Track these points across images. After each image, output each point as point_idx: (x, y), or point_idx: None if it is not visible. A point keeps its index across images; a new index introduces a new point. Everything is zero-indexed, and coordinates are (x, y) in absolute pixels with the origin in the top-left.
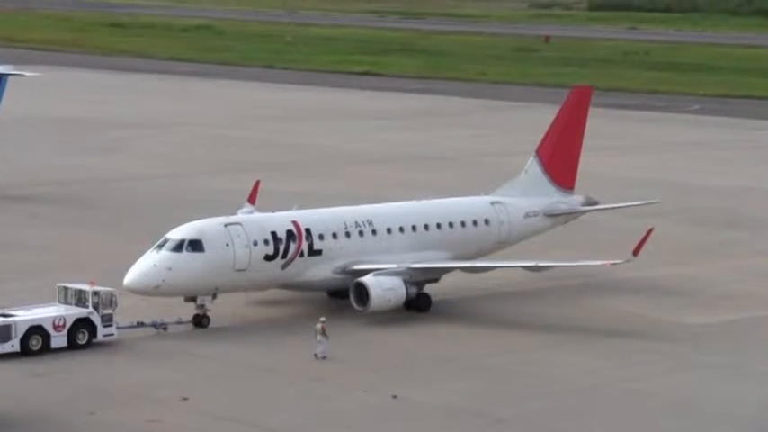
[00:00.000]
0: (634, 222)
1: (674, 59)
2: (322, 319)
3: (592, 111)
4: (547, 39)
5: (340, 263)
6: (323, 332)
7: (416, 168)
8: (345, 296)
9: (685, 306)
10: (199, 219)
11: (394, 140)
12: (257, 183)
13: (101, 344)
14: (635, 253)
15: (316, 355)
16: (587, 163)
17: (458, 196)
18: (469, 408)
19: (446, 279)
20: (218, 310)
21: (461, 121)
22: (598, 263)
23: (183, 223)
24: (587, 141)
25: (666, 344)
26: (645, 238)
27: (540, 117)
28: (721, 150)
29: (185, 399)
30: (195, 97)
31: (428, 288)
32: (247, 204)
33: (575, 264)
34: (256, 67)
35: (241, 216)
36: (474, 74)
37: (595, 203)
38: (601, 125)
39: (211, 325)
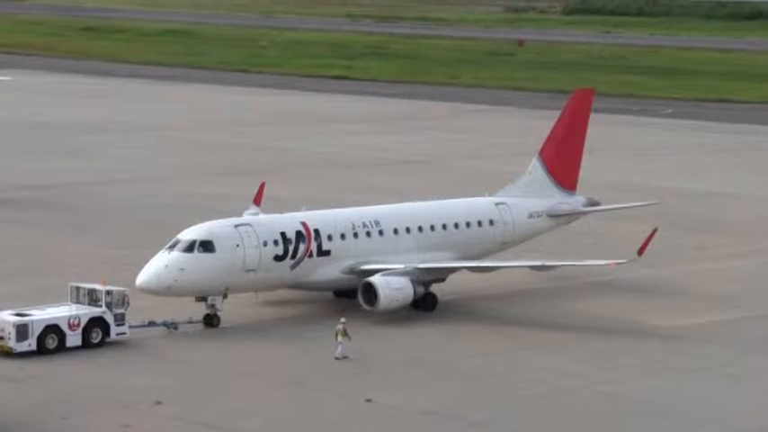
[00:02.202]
0: (606, 225)
1: (648, 63)
2: (342, 320)
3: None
4: (521, 43)
5: (348, 263)
6: (345, 333)
7: (390, 172)
8: (352, 296)
9: (660, 309)
10: (170, 221)
11: (368, 144)
12: (262, 184)
13: (112, 345)
14: (640, 253)
15: (336, 357)
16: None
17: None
18: (445, 411)
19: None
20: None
21: (435, 124)
22: (603, 263)
23: (152, 227)
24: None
25: (641, 346)
26: (649, 238)
27: (514, 121)
28: (695, 154)
29: (159, 403)
30: (168, 101)
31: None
32: (253, 206)
33: (580, 264)
34: (231, 71)
35: (251, 217)
36: (448, 78)
37: (597, 204)
38: None
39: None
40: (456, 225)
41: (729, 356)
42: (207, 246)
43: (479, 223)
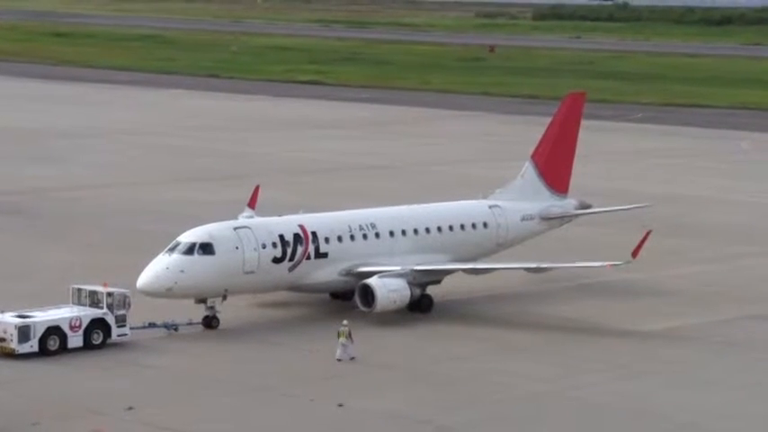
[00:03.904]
0: (576, 230)
1: (618, 68)
2: (344, 322)
3: (537, 120)
4: (492, 48)
5: (345, 265)
6: (348, 335)
7: (361, 177)
8: (347, 298)
9: (633, 313)
10: (140, 227)
11: (339, 149)
12: (257, 188)
13: (114, 345)
14: (634, 255)
15: (339, 360)
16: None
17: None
18: (415, 415)
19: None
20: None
21: (406, 130)
22: (598, 264)
23: (124, 233)
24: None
25: (614, 350)
26: (643, 240)
27: (484, 126)
28: (665, 158)
29: (130, 409)
30: (140, 107)
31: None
32: (248, 209)
33: (575, 265)
34: (201, 76)
35: (250, 220)
36: (419, 83)
37: (588, 207)
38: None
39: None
40: (450, 227)
41: (703, 360)
42: (206, 248)
43: (473, 226)
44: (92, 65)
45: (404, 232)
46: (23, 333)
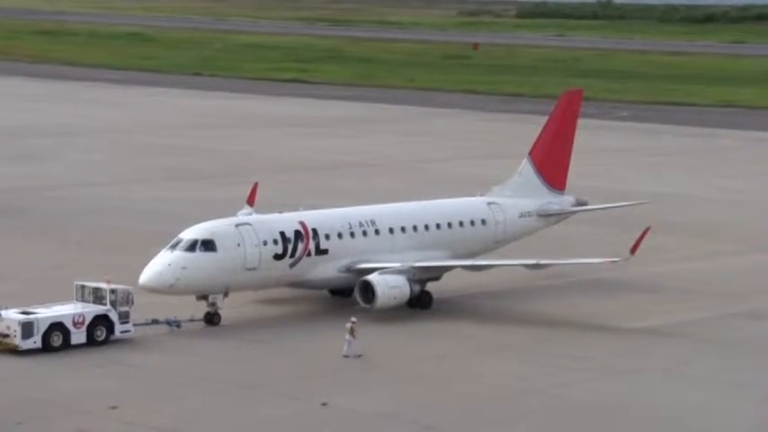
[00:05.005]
0: (559, 228)
1: (602, 66)
2: (353, 319)
3: (522, 118)
4: (475, 46)
5: (345, 262)
6: (351, 332)
7: (345, 176)
8: (347, 294)
9: (617, 311)
10: (124, 225)
11: (322, 147)
12: (255, 185)
13: (117, 343)
14: (632, 251)
15: (346, 356)
16: (516, 169)
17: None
18: (400, 415)
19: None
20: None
21: (390, 127)
22: (597, 261)
23: (109, 232)
24: (517, 149)
25: (599, 348)
26: (641, 237)
27: (468, 124)
28: (649, 156)
29: (114, 408)
30: (123, 105)
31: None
32: (246, 206)
33: (575, 262)
34: (184, 74)
35: (251, 217)
36: (403, 81)
37: (585, 204)
38: (529, 131)
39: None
40: (449, 224)
41: (685, 358)
42: (208, 245)
43: (472, 222)
44: (75, 63)
45: (403, 229)
46: (27, 329)
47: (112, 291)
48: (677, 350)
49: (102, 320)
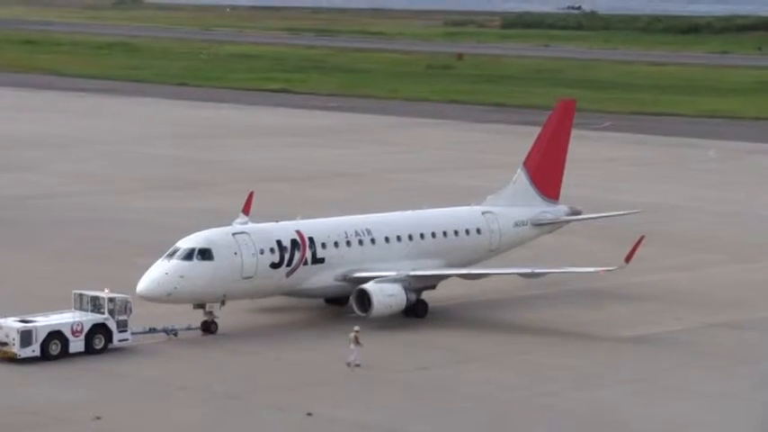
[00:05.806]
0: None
1: (586, 77)
2: (356, 328)
3: (505, 128)
4: (460, 56)
5: (341, 270)
6: (356, 341)
7: (330, 186)
8: (342, 303)
9: (599, 320)
10: (109, 236)
11: (308, 158)
12: (251, 194)
13: (117, 349)
14: (627, 260)
15: (348, 364)
16: (501, 179)
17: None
18: (384, 424)
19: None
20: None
21: (375, 138)
22: (592, 270)
23: (94, 242)
24: (501, 159)
25: (580, 358)
26: (636, 246)
27: (453, 134)
28: (632, 167)
29: (98, 418)
30: (109, 115)
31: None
32: (242, 215)
33: (570, 270)
34: (170, 84)
35: (248, 225)
36: (387, 91)
37: (579, 213)
38: (513, 141)
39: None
40: (444, 233)
41: (668, 368)
42: (205, 254)
43: (467, 232)
44: (60, 73)
45: (399, 238)
46: (25, 338)
47: (111, 299)
48: (659, 360)
49: (100, 329)
